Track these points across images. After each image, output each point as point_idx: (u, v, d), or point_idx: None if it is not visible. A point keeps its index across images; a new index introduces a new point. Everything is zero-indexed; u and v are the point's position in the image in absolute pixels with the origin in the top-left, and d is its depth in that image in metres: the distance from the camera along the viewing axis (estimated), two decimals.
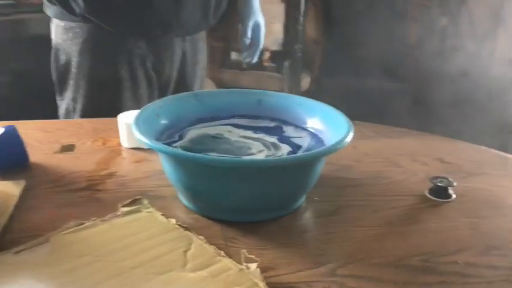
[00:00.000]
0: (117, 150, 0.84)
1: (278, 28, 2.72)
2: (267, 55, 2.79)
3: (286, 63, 2.45)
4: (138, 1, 1.02)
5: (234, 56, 2.79)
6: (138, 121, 0.65)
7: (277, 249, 0.57)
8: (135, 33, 1.07)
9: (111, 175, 0.75)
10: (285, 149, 0.66)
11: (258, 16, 1.27)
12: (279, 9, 2.56)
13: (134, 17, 1.04)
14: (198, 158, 0.55)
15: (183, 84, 1.21)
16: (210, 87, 2.64)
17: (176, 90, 1.20)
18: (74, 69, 1.07)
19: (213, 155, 0.63)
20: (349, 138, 0.62)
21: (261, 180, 0.57)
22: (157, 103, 0.73)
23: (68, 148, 0.84)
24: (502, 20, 3.32)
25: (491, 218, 0.66)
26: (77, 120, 0.98)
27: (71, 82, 1.09)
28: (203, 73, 1.28)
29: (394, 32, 3.22)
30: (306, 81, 2.74)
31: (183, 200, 0.66)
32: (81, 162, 0.79)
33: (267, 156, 0.64)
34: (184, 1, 1.06)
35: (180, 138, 0.69)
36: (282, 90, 2.53)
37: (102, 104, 1.08)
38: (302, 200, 0.67)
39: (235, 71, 2.81)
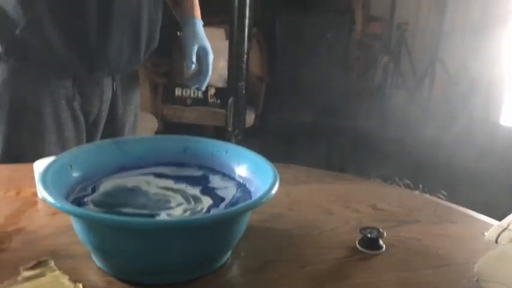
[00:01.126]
0: (31, 202, 0.77)
1: (222, 65, 2.71)
2: (211, 91, 2.77)
3: (231, 100, 2.43)
4: (59, 38, 0.96)
5: (177, 91, 2.75)
6: (45, 174, 0.59)
7: None
8: (57, 73, 1.01)
9: (19, 231, 0.68)
10: (207, 202, 0.62)
11: (204, 41, 1.16)
12: (223, 46, 2.56)
13: (55, 56, 0.98)
14: (97, 218, 0.50)
15: (114, 125, 1.15)
16: (152, 122, 2.58)
17: (106, 131, 1.14)
18: None
19: (126, 211, 0.58)
20: (273, 191, 0.59)
21: (173, 240, 0.53)
22: (73, 152, 0.68)
23: None
24: (439, 59, 3.48)
25: (420, 271, 0.64)
26: None
27: None
28: (137, 111, 1.22)
29: (337, 70, 3.30)
30: (250, 117, 2.73)
31: (96, 260, 0.60)
32: None
33: (185, 210, 0.60)
34: (111, 37, 1.01)
35: (94, 191, 0.63)
36: (226, 126, 2.51)
37: (24, 148, 1.01)
38: (227, 256, 0.63)
39: (178, 107, 2.76)
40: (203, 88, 1.19)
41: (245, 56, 2.40)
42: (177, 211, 0.59)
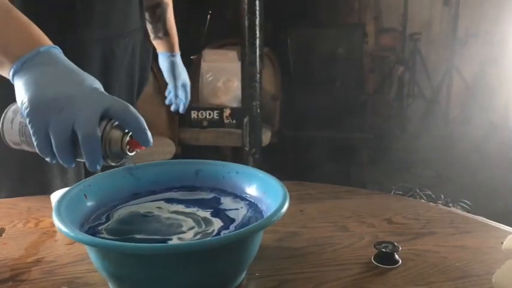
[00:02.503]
0: (50, 232, 0.79)
1: (236, 85, 2.74)
2: (227, 112, 2.80)
3: (246, 119, 2.45)
4: None
5: (193, 114, 2.79)
6: (60, 204, 0.61)
7: None
8: None
9: (38, 261, 0.69)
10: (217, 224, 0.62)
11: (184, 73, 1.38)
12: (236, 67, 2.59)
13: None
14: (108, 246, 0.51)
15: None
16: (169, 147, 2.61)
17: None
18: None
19: (139, 237, 0.59)
20: (283, 209, 0.59)
21: (183, 263, 0.53)
22: (86, 182, 0.69)
23: None
24: (455, 66, 3.45)
25: (438, 284, 0.63)
26: (9, 200, 0.92)
27: None
28: None
29: (352, 83, 3.30)
30: (267, 136, 2.74)
31: (112, 287, 0.61)
32: (8, 249, 0.73)
33: (196, 233, 0.60)
34: (110, 91, 1.03)
35: (108, 219, 0.64)
36: (243, 146, 2.52)
37: (28, 184, 1.00)
38: (242, 277, 0.63)
39: (195, 130, 2.79)
40: (183, 111, 1.43)
41: (258, 76, 2.43)
42: (188, 235, 0.60)
